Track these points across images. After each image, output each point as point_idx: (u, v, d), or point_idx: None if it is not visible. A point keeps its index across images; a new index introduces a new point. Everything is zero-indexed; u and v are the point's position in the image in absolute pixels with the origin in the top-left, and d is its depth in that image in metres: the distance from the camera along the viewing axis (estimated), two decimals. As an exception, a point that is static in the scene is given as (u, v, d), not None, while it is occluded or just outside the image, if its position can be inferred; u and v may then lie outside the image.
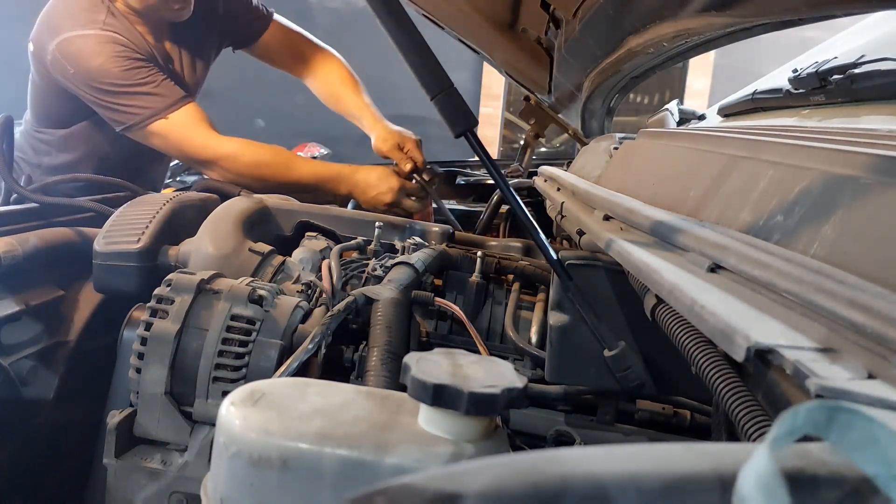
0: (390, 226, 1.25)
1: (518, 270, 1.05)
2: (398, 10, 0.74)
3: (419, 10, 1.44)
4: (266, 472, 0.43)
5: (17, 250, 1.03)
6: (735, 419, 0.39)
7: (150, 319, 0.82)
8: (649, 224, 0.61)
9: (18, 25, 4.61)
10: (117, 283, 1.05)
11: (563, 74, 1.39)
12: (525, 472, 0.23)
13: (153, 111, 1.53)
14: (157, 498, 0.79)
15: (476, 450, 0.45)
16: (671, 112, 1.53)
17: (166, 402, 0.79)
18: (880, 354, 0.31)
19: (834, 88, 0.90)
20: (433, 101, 0.75)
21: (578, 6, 1.04)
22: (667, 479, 0.23)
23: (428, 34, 0.80)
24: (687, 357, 0.46)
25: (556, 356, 0.76)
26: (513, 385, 0.44)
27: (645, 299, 0.59)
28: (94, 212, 1.29)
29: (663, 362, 0.72)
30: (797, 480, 0.22)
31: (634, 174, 0.93)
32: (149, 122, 1.53)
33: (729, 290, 0.43)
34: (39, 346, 1.04)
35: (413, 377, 0.44)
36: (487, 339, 0.98)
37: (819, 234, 0.44)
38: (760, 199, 0.54)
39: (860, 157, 0.48)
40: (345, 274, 1.02)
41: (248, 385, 0.50)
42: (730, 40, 0.93)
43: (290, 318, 0.84)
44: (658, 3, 0.86)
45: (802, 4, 0.62)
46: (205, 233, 1.09)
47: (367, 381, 0.72)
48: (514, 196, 0.76)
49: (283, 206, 1.27)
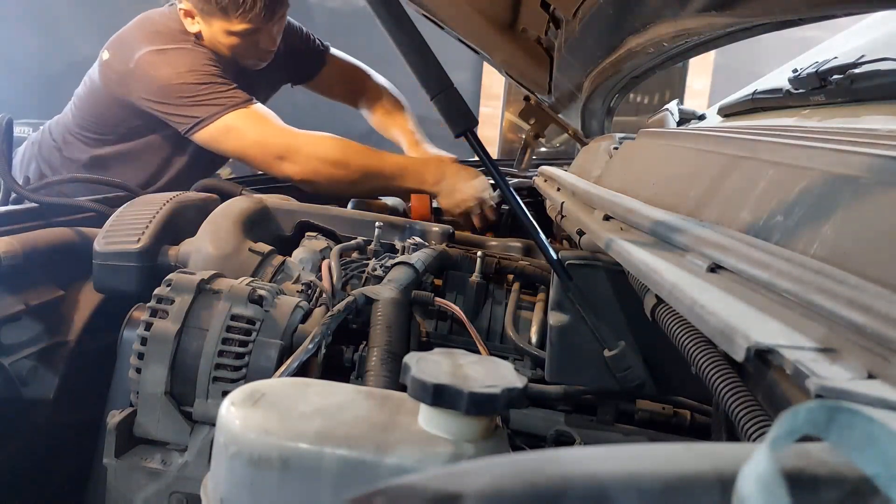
0: (390, 226, 1.25)
1: (518, 270, 1.05)
2: (398, 10, 0.74)
3: (419, 10, 1.44)
4: (266, 472, 0.43)
5: (17, 250, 1.03)
6: (735, 419, 0.39)
7: (150, 319, 0.82)
8: (649, 224, 0.61)
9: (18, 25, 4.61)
10: (117, 283, 1.05)
11: (563, 74, 1.39)
12: (525, 472, 0.23)
13: (229, 104, 1.55)
14: (157, 498, 0.79)
15: (476, 450, 0.45)
16: (671, 112, 1.53)
17: (166, 402, 0.79)
18: (880, 354, 0.31)
19: (834, 88, 0.90)
20: (433, 101, 0.75)
21: (578, 6, 1.04)
22: (667, 479, 0.23)
23: (428, 34, 0.79)
24: (687, 357, 0.46)
25: (556, 356, 0.76)
26: (513, 385, 0.44)
27: (645, 299, 0.59)
28: (94, 212, 1.29)
29: (663, 362, 0.72)
30: (797, 480, 0.22)
31: (634, 174, 0.93)
32: (227, 112, 1.54)
33: (729, 290, 0.43)
34: (39, 346, 1.04)
35: (413, 377, 0.44)
36: (487, 339, 0.98)
37: (819, 234, 0.44)
38: (760, 199, 0.54)
39: (860, 157, 0.48)
40: (345, 274, 1.02)
41: (248, 385, 0.50)
42: (730, 40, 0.93)
43: (290, 318, 0.84)
44: (658, 3, 0.86)
45: (802, 4, 0.62)
46: (205, 233, 1.09)
47: (367, 381, 0.72)
48: (515, 196, 0.76)
49: (283, 206, 1.27)
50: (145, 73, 1.57)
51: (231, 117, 1.55)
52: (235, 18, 1.59)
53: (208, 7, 1.58)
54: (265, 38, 1.67)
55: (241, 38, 1.62)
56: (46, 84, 4.91)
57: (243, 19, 1.59)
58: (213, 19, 1.60)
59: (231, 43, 1.63)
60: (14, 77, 4.80)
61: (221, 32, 1.62)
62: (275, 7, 1.63)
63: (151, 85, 1.57)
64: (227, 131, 1.56)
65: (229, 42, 1.63)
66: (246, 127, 1.56)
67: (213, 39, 1.63)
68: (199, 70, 1.57)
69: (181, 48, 1.61)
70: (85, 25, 5.02)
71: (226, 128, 1.56)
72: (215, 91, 1.56)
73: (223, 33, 1.62)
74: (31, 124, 3.64)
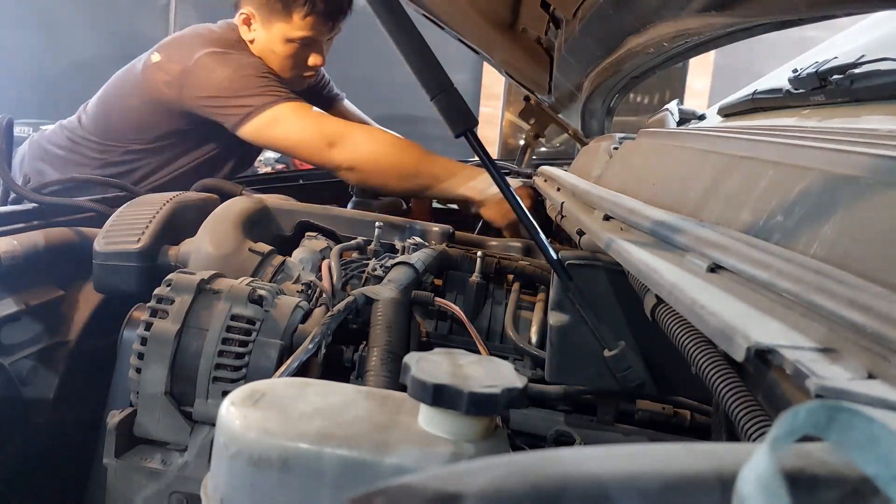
0: (390, 226, 1.25)
1: (518, 270, 1.05)
2: (398, 10, 0.74)
3: (419, 10, 1.44)
4: (266, 472, 0.43)
5: (18, 250, 1.03)
6: (735, 419, 0.39)
7: (150, 319, 0.82)
8: (649, 224, 0.61)
9: (18, 25, 4.61)
10: (117, 283, 1.05)
11: (563, 74, 1.39)
12: (525, 472, 0.23)
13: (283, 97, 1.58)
14: (157, 498, 0.79)
15: (476, 450, 0.45)
16: (671, 112, 1.53)
17: (166, 402, 0.79)
18: (880, 354, 0.31)
19: (834, 88, 0.90)
20: (433, 101, 0.75)
21: (578, 6, 1.04)
22: (667, 479, 0.23)
23: (428, 34, 0.79)
24: (687, 357, 0.46)
25: (556, 356, 0.76)
26: (513, 385, 0.44)
27: (645, 299, 0.59)
28: (94, 212, 1.29)
29: (663, 362, 0.72)
30: (797, 480, 0.22)
31: (634, 174, 0.93)
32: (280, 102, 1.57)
33: (729, 290, 0.43)
34: (39, 346, 1.04)
35: (413, 377, 0.44)
36: (487, 339, 0.98)
37: (819, 234, 0.44)
38: (760, 199, 0.54)
39: (860, 157, 0.48)
40: (345, 274, 1.02)
41: (248, 385, 0.50)
42: (730, 40, 0.93)
43: (290, 318, 0.84)
44: (658, 3, 0.86)
45: (802, 4, 0.62)
46: (205, 233, 1.09)
47: (367, 381, 0.72)
48: (515, 196, 0.76)
49: (283, 206, 1.27)
50: (204, 71, 1.59)
51: (283, 107, 1.58)
52: (297, 21, 1.62)
53: (273, 7, 1.62)
54: (315, 54, 1.70)
55: (297, 45, 1.66)
56: (46, 84, 4.92)
57: (305, 23, 1.63)
58: (274, 23, 1.64)
59: (285, 52, 1.66)
60: (14, 77, 4.81)
61: (279, 38, 1.65)
62: (336, 16, 1.67)
63: (209, 82, 1.59)
64: (278, 120, 1.58)
65: (283, 51, 1.66)
66: (297, 116, 1.59)
67: (268, 48, 1.67)
68: (255, 71, 1.61)
69: (240, 53, 1.65)
70: (85, 25, 5.02)
71: (277, 117, 1.58)
72: (270, 85, 1.60)
73: (280, 40, 1.65)
74: (31, 124, 3.65)
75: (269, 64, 1.67)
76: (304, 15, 1.62)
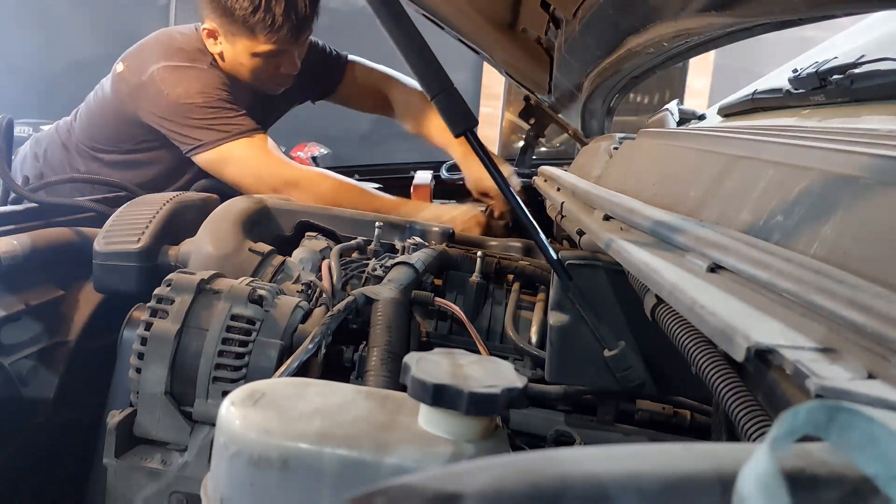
0: (390, 226, 1.25)
1: (518, 270, 1.05)
2: (398, 10, 0.74)
3: (419, 10, 1.44)
4: (266, 472, 0.43)
5: (17, 250, 1.03)
6: (735, 419, 0.39)
7: (150, 319, 0.82)
8: (649, 224, 0.61)
9: (18, 25, 4.60)
10: (117, 283, 1.05)
11: (563, 74, 1.39)
12: (525, 472, 0.23)
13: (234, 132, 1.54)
14: (157, 498, 0.79)
15: (476, 450, 0.45)
16: (671, 112, 1.53)
17: (166, 402, 0.79)
18: (880, 354, 0.31)
19: (834, 88, 0.90)
20: (433, 101, 0.75)
21: (578, 6, 1.04)
22: (667, 479, 0.23)
23: (428, 34, 0.79)
24: (687, 357, 0.46)
25: (556, 356, 0.76)
26: (513, 385, 0.44)
27: (645, 299, 0.59)
28: (94, 212, 1.29)
29: (663, 362, 0.72)
30: (797, 480, 0.22)
31: (634, 174, 0.93)
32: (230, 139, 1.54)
33: (729, 290, 0.43)
34: (39, 346, 1.04)
35: (413, 377, 0.44)
36: (487, 339, 0.98)
37: (819, 234, 0.44)
38: (760, 199, 0.54)
39: (860, 157, 0.48)
40: (345, 274, 1.02)
41: (248, 385, 0.50)
42: (730, 40, 0.93)
43: (290, 318, 0.84)
44: (658, 3, 0.86)
45: (802, 4, 0.62)
46: (205, 233, 1.09)
47: (367, 381, 0.72)
48: (514, 196, 0.76)
49: (283, 206, 1.27)
50: (156, 88, 1.56)
51: (233, 146, 1.54)
52: (262, 38, 1.57)
53: (234, 27, 1.56)
54: (287, 62, 1.65)
55: (264, 59, 1.61)
56: (46, 84, 4.92)
57: (269, 39, 1.57)
58: (238, 39, 1.58)
59: (253, 65, 1.62)
60: (14, 77, 4.81)
61: (245, 53, 1.60)
62: (301, 29, 1.61)
63: (160, 100, 1.55)
64: (227, 159, 1.55)
65: (251, 64, 1.62)
66: (246, 157, 1.55)
67: (235, 61, 1.62)
68: (209, 93, 1.56)
69: (196, 68, 1.59)
70: (85, 25, 5.03)
71: (226, 156, 1.54)
72: (222, 117, 1.55)
73: (247, 55, 1.60)
74: (31, 124, 3.65)
75: (240, 75, 1.63)
76: (267, 32, 1.56)
